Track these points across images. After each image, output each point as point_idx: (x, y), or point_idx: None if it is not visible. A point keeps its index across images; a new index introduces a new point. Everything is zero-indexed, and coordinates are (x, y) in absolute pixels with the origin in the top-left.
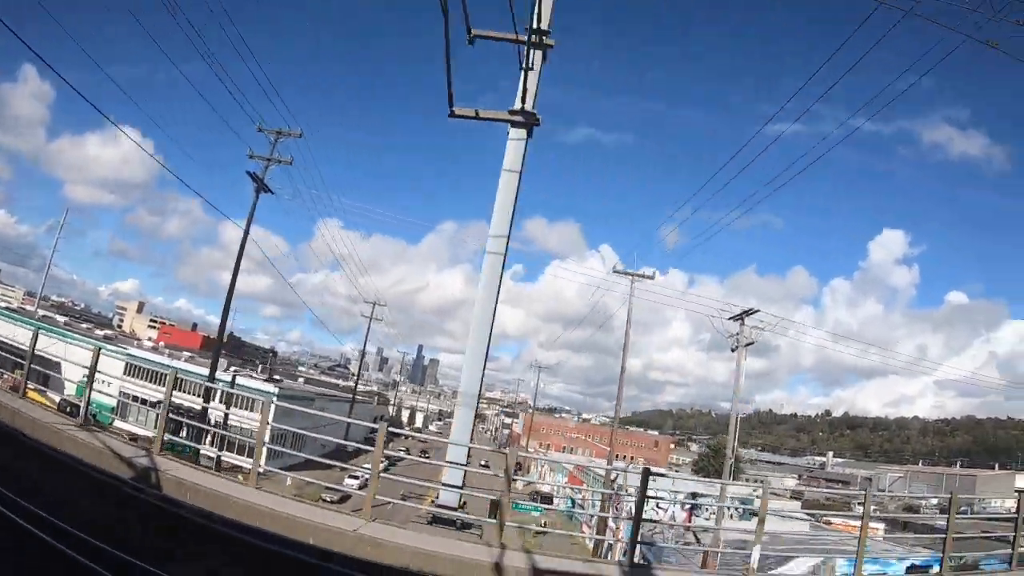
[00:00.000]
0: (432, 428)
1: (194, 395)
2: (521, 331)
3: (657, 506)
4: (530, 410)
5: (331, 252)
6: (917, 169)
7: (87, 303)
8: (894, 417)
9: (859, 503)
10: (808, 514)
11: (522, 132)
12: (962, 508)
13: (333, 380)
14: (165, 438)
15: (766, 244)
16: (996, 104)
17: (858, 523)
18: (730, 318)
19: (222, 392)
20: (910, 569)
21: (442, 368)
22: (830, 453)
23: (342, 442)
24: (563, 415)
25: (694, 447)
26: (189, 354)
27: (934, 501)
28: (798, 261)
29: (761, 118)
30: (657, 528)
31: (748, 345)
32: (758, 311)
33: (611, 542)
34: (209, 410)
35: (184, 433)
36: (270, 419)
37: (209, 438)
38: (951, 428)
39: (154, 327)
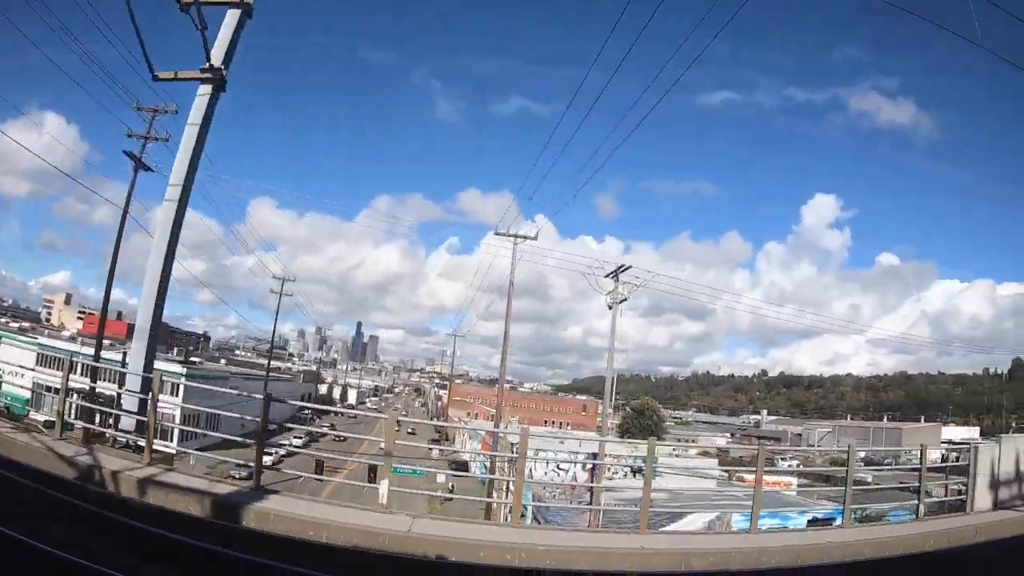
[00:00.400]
0: (368, 404)
1: (112, 382)
2: (460, 303)
3: (558, 467)
4: (460, 380)
5: (263, 233)
6: (849, 136)
7: (15, 299)
8: (829, 375)
9: (782, 459)
10: (724, 471)
11: (209, 88)
12: (886, 460)
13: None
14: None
15: (700, 210)
16: (924, 75)
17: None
18: (606, 275)
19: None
20: (811, 522)
21: (382, 344)
22: (764, 411)
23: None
24: (504, 385)
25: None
26: (110, 342)
27: (861, 454)
28: (732, 226)
29: (700, 88)
30: (550, 489)
31: (622, 302)
32: (630, 267)
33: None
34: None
35: (98, 419)
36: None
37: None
38: (883, 384)
39: (82, 318)
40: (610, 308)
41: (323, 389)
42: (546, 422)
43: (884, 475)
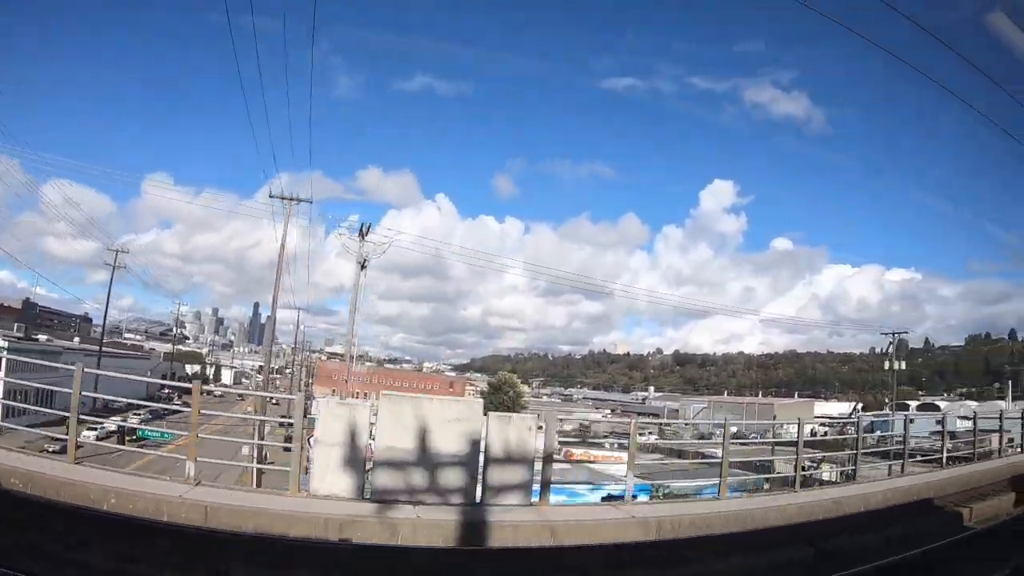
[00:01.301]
0: (245, 384)
1: None
2: (360, 283)
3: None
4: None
5: (157, 211)
6: (747, 125)
7: None
8: (722, 354)
9: (640, 433)
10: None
11: None
12: (751, 435)
13: (159, 345)
14: None
15: (600, 192)
16: (819, 69)
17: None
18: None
19: None
20: (606, 498)
21: (281, 325)
22: (651, 388)
23: (107, 397)
24: (403, 365)
25: (526, 388)
26: None
27: (733, 429)
28: (631, 208)
29: (606, 73)
30: None
31: (363, 266)
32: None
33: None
34: None
35: None
36: None
37: None
38: (774, 362)
39: None
40: (363, 267)
41: (198, 369)
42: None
43: (749, 450)
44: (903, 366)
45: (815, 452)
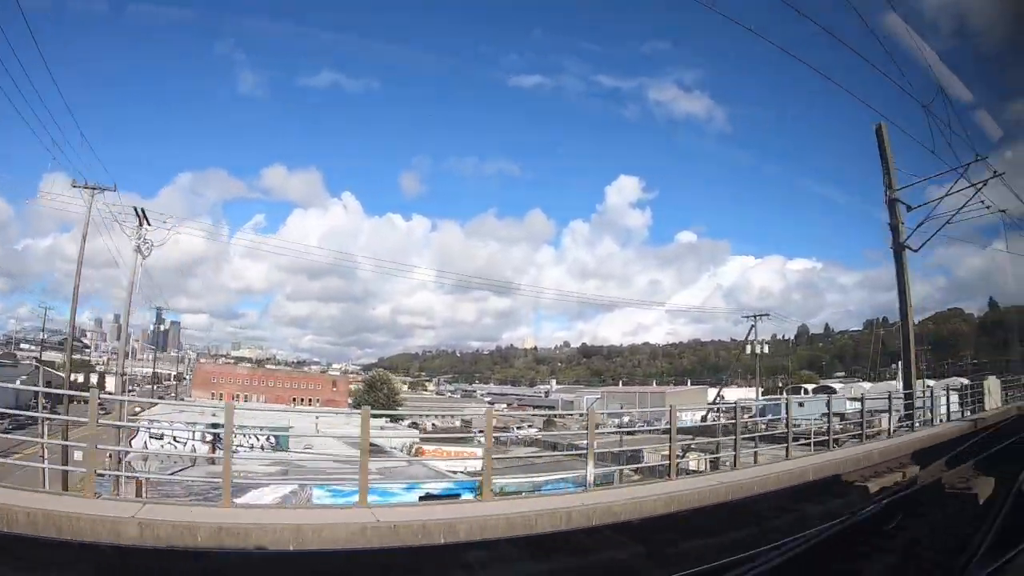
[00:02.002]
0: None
1: None
2: (267, 285)
3: (174, 439)
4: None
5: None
6: (652, 122)
7: None
8: (628, 344)
9: (517, 426)
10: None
11: None
12: (636, 423)
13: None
14: None
15: (506, 189)
16: (719, 69)
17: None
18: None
19: None
20: (423, 498)
21: (187, 331)
22: (554, 381)
23: None
24: (311, 367)
25: (431, 386)
26: None
27: (625, 419)
28: (537, 204)
29: (513, 70)
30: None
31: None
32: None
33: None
34: None
35: None
36: None
37: None
38: (678, 351)
39: None
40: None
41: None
42: (293, 400)
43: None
44: (766, 350)
45: (696, 439)
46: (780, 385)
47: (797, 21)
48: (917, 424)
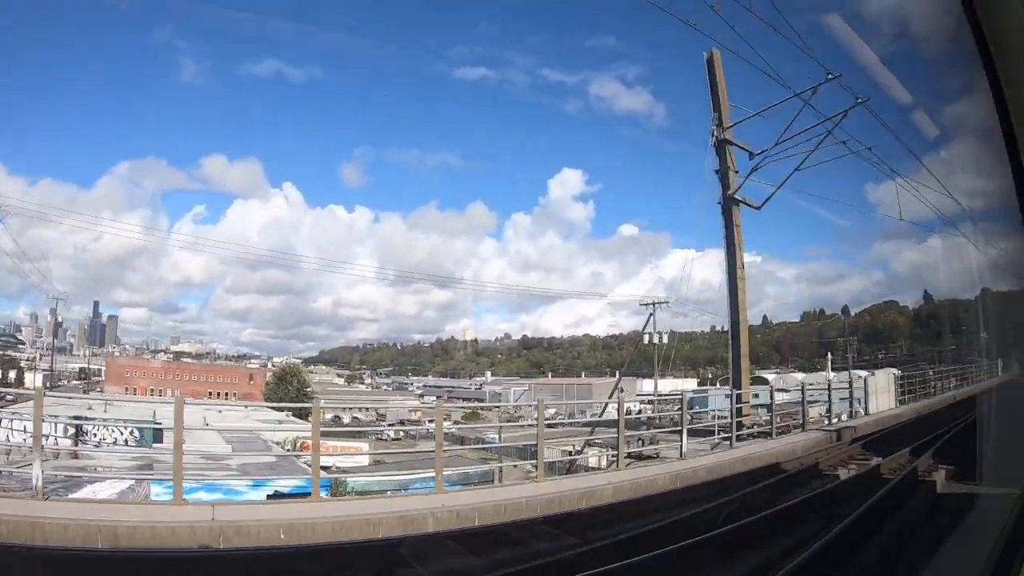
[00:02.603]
0: (66, 385)
1: None
2: (207, 277)
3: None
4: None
5: None
6: (596, 116)
7: None
8: (568, 336)
9: (430, 420)
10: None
11: None
12: (557, 415)
13: None
14: None
15: (447, 182)
16: (660, 67)
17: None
18: None
19: None
20: (272, 496)
21: (126, 324)
22: (488, 373)
23: None
24: (252, 360)
25: (368, 379)
26: None
27: (551, 411)
28: (479, 197)
29: (455, 61)
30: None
31: None
32: None
33: None
34: None
35: None
36: None
37: None
38: (618, 343)
39: None
40: None
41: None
42: (209, 394)
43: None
44: (664, 339)
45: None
46: (710, 376)
47: (740, 19)
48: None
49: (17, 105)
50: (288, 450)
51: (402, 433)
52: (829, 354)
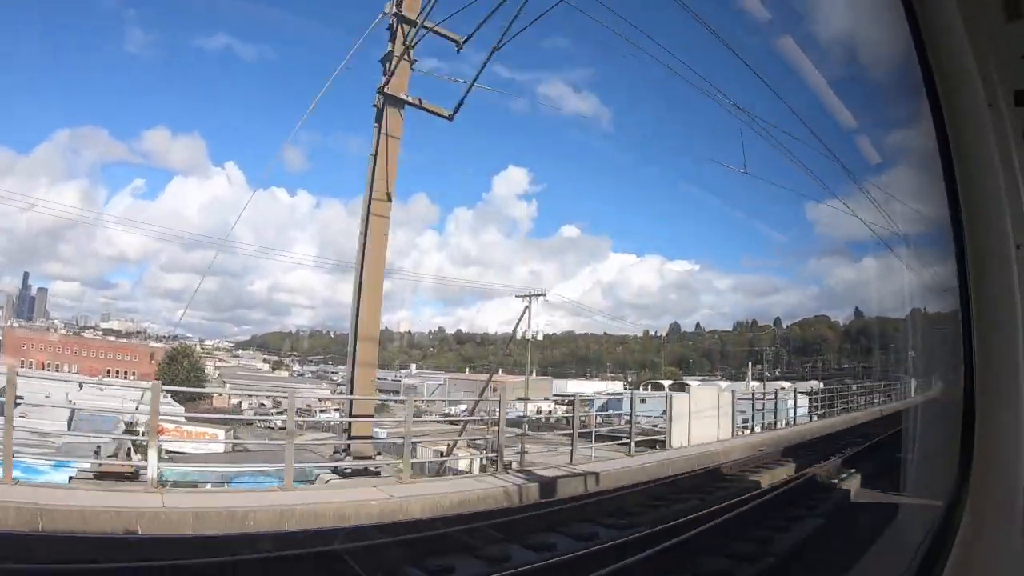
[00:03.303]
0: None
1: None
2: (141, 254)
3: None
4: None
5: None
6: (543, 116)
7: None
8: (501, 333)
9: (321, 410)
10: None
11: None
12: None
13: None
14: None
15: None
16: (609, 73)
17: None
18: None
19: None
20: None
21: (57, 299)
22: (413, 365)
23: None
24: (182, 342)
25: (297, 367)
26: None
27: (462, 407)
28: (422, 189)
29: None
30: None
31: None
32: None
33: None
34: None
35: None
36: None
37: None
38: (551, 342)
39: None
40: None
41: None
42: (108, 371)
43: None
44: (539, 336)
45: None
46: (629, 380)
47: (689, 31)
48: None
49: None
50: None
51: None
52: (750, 364)
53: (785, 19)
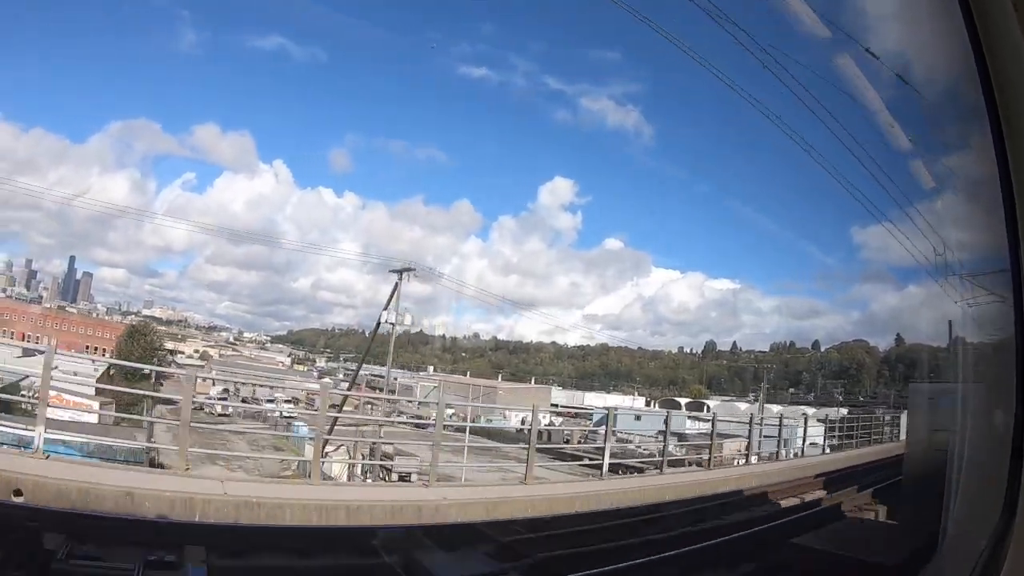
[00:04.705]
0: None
1: None
2: (188, 245)
3: None
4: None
5: None
6: (591, 127)
7: None
8: (535, 342)
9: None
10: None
11: None
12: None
13: None
14: None
15: (434, 176)
16: (659, 88)
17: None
18: None
19: None
20: None
21: (103, 284)
22: (430, 367)
23: None
24: (221, 332)
25: (322, 363)
26: None
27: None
28: (465, 196)
29: (462, 60)
30: None
31: None
32: None
33: None
34: None
35: None
36: None
37: None
38: (584, 354)
39: None
40: None
41: None
42: (87, 347)
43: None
44: (408, 320)
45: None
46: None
47: (736, 52)
48: None
49: (16, 53)
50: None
51: (230, 408)
52: (763, 386)
53: (839, 39)
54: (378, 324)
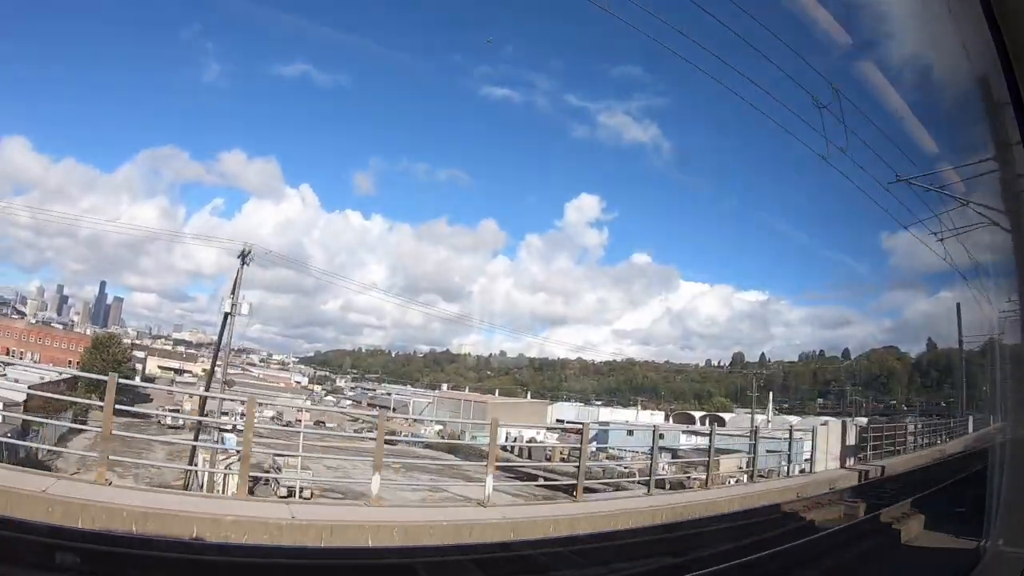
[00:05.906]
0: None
1: None
2: (217, 270)
3: None
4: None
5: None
6: (616, 144)
7: None
8: (561, 358)
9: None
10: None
11: None
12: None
13: None
14: None
15: (457, 197)
16: (684, 103)
17: None
18: None
19: None
20: None
21: (134, 308)
22: (444, 385)
23: None
24: (251, 355)
25: (341, 381)
26: None
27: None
28: (490, 215)
29: (483, 80)
30: None
31: None
32: None
33: None
34: None
35: None
36: None
37: None
38: (610, 369)
39: None
40: None
41: None
42: (69, 362)
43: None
44: (246, 309)
45: None
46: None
47: (763, 66)
48: None
49: (48, 86)
50: None
51: (181, 421)
52: (770, 395)
53: (865, 46)
54: (226, 317)
